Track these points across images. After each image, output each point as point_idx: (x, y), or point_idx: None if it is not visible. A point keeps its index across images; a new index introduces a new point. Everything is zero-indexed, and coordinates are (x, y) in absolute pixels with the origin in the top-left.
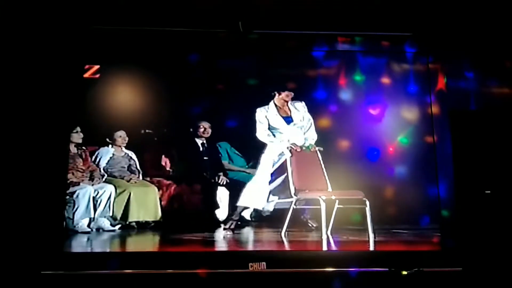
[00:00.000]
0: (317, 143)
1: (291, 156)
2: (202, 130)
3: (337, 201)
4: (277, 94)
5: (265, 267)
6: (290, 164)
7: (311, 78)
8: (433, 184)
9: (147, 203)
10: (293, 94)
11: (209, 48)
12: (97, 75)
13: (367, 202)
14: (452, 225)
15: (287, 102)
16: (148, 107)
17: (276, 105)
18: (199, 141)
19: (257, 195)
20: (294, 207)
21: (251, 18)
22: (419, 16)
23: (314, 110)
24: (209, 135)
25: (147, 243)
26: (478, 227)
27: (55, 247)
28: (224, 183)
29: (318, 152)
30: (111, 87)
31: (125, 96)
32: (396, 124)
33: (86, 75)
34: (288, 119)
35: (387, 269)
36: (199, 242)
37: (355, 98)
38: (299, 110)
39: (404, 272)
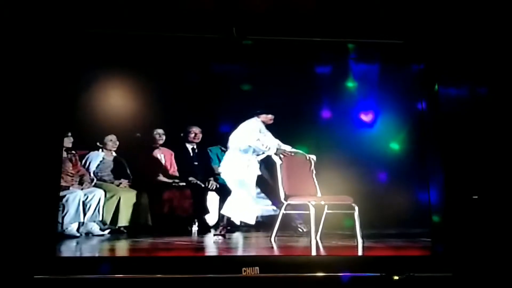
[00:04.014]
0: (310, 149)
1: (282, 162)
2: (192, 135)
3: (326, 206)
4: (258, 116)
5: (258, 272)
6: (280, 170)
7: (304, 84)
8: (424, 190)
9: (137, 207)
10: (273, 117)
11: (203, 53)
12: None
13: (356, 208)
14: (443, 231)
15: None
16: (139, 112)
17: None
18: (189, 146)
19: (243, 208)
20: (284, 212)
21: (245, 24)
22: (411, 24)
23: (306, 115)
24: (199, 140)
25: (137, 248)
26: (468, 232)
27: (48, 251)
28: (214, 188)
29: (308, 157)
30: (102, 91)
31: (116, 101)
32: (388, 130)
33: None
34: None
35: (378, 274)
36: (191, 247)
37: (348, 105)
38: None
39: (396, 277)
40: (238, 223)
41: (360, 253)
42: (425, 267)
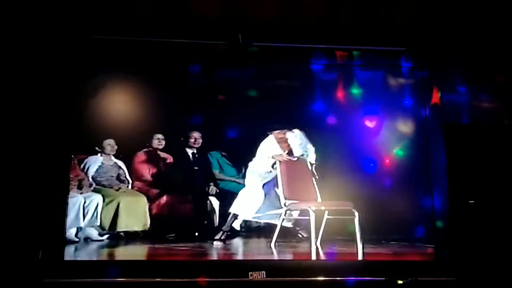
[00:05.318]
0: (315, 155)
1: (281, 166)
2: (192, 140)
3: (326, 211)
4: (271, 132)
5: (264, 276)
6: (280, 174)
7: (310, 90)
8: (427, 196)
9: (136, 212)
10: (285, 131)
11: (208, 59)
12: None
13: (356, 213)
14: (446, 236)
15: (283, 138)
16: (139, 116)
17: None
18: (189, 151)
19: (247, 204)
20: (284, 217)
21: (251, 31)
22: (414, 31)
23: (311, 122)
24: (199, 145)
25: (140, 253)
26: (472, 237)
27: (57, 255)
28: (214, 193)
29: (308, 162)
30: (102, 95)
31: (115, 105)
32: (392, 137)
33: None
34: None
35: (383, 278)
36: (193, 252)
37: (352, 111)
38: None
39: (400, 282)
40: (238, 228)
41: (360, 258)
42: (428, 272)
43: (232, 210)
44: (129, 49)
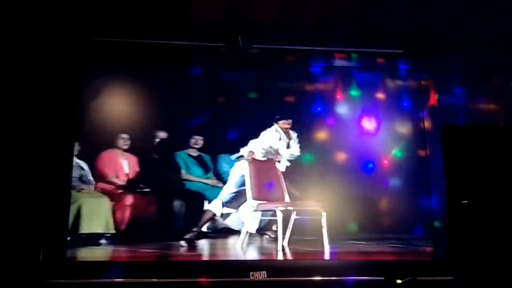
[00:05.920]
0: (315, 156)
1: (249, 166)
2: (158, 141)
3: (294, 212)
4: (277, 122)
5: (265, 276)
6: (249, 174)
7: (309, 92)
8: (425, 196)
9: (99, 214)
10: (290, 121)
11: (208, 61)
12: None
13: (323, 214)
14: (444, 236)
15: (288, 129)
16: (104, 116)
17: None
18: (157, 151)
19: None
20: (253, 218)
21: (251, 33)
22: (412, 34)
23: (311, 123)
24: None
25: (134, 254)
26: (469, 237)
27: (58, 256)
28: (181, 193)
29: (276, 162)
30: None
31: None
32: (390, 138)
33: None
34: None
35: (382, 278)
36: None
37: (351, 113)
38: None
39: (399, 281)
40: (205, 229)
41: (327, 257)
42: (427, 271)
43: (211, 209)
44: (128, 50)
